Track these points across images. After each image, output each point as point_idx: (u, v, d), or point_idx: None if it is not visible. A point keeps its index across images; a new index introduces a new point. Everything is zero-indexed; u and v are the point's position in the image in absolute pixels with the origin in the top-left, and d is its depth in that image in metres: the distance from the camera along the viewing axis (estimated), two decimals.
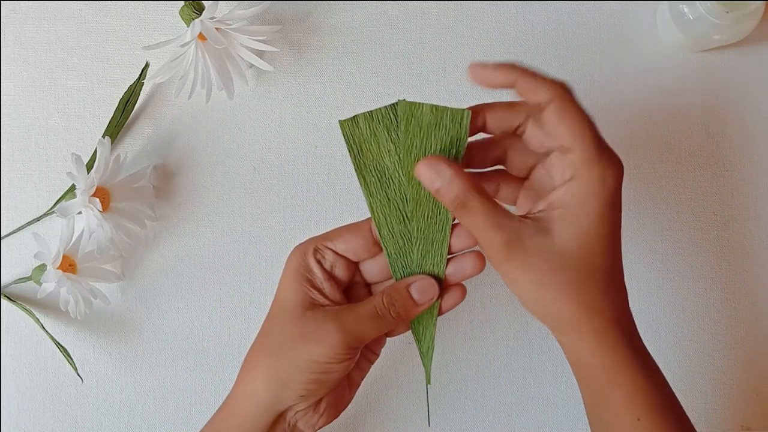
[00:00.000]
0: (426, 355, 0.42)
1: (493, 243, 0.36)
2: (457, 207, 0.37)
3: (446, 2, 0.55)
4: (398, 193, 0.39)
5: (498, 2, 0.55)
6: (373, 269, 0.43)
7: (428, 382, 0.42)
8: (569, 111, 0.36)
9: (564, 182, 0.36)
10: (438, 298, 0.41)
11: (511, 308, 0.54)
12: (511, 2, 0.55)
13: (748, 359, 0.54)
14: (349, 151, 0.38)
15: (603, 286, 0.37)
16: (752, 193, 0.54)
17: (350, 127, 0.37)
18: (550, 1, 0.55)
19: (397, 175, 0.39)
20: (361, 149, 0.38)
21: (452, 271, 0.41)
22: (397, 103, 0.37)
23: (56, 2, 0.54)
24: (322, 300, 0.40)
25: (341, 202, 0.54)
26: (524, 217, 0.37)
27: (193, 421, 0.53)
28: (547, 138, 0.37)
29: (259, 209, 0.54)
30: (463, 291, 0.42)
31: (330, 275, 0.41)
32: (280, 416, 0.40)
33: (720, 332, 0.54)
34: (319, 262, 0.41)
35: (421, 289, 0.41)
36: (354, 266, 0.42)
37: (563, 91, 0.36)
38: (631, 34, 0.55)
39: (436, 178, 0.36)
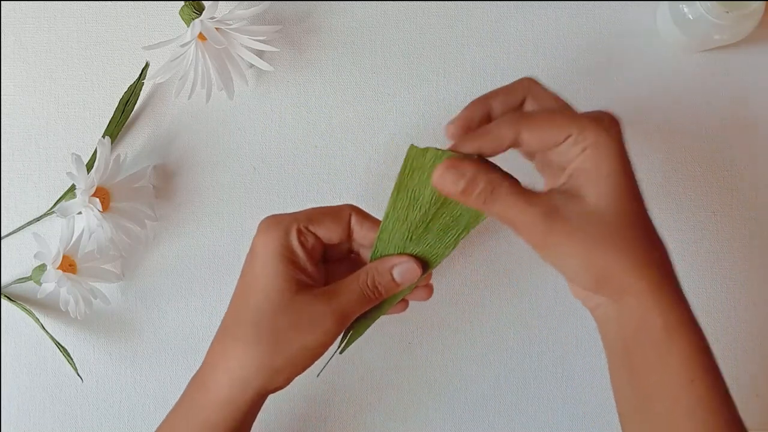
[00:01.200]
0: (351, 338, 0.44)
1: (531, 220, 0.36)
2: (486, 198, 0.37)
3: (446, 2, 0.55)
4: (417, 219, 0.41)
5: (498, 2, 0.55)
6: (335, 249, 0.44)
7: (341, 352, 0.44)
8: (539, 120, 0.37)
9: (577, 155, 0.37)
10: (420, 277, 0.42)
11: (511, 308, 0.54)
12: (511, 2, 0.55)
13: (748, 359, 0.54)
14: (402, 170, 0.39)
15: (647, 237, 0.37)
16: (752, 193, 0.54)
17: (417, 154, 0.39)
18: (550, 1, 0.55)
19: (426, 207, 0.40)
20: (413, 173, 0.39)
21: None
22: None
23: (56, 2, 0.54)
24: (307, 281, 0.41)
25: (341, 201, 0.54)
26: (549, 191, 0.38)
27: None
28: (543, 139, 0.37)
29: (259, 209, 0.54)
30: (406, 305, 0.45)
31: (311, 255, 0.42)
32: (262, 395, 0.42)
33: (720, 332, 0.54)
34: (302, 244, 0.41)
35: (404, 273, 0.42)
36: (324, 246, 0.43)
37: (521, 115, 0.38)
38: (631, 34, 0.55)
39: (460, 177, 0.36)
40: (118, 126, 0.53)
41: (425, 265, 0.42)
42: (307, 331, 0.39)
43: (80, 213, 0.49)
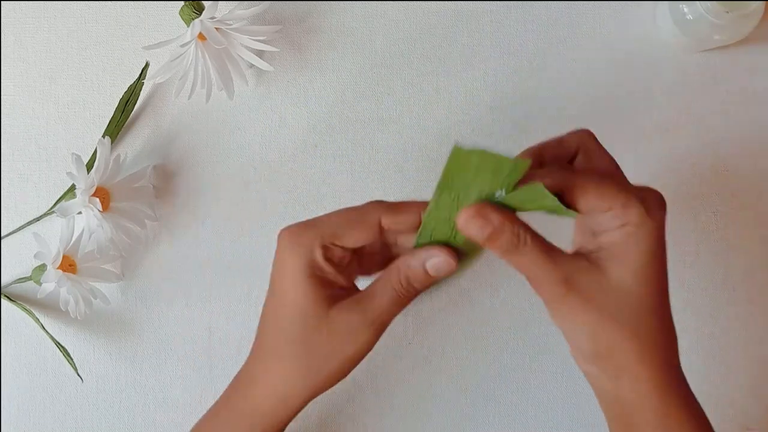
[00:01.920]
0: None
1: (549, 280, 0.36)
2: (510, 249, 0.36)
3: (446, 2, 0.55)
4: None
5: (498, 2, 0.55)
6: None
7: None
8: (584, 185, 0.36)
9: (614, 229, 0.36)
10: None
11: (511, 308, 0.54)
12: (511, 2, 0.55)
13: (748, 359, 0.54)
14: (446, 170, 0.37)
15: (659, 324, 0.37)
16: (752, 193, 0.54)
17: (463, 155, 0.37)
18: (550, 2, 0.55)
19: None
20: (456, 174, 0.37)
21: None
22: (518, 162, 0.36)
23: (56, 2, 0.54)
24: (339, 293, 0.40)
25: (341, 202, 0.54)
26: (576, 254, 0.37)
27: (193, 421, 0.53)
28: (584, 205, 0.37)
29: (259, 209, 0.54)
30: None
31: (340, 265, 0.41)
32: None
33: (720, 333, 0.54)
34: (329, 259, 0.40)
35: (438, 266, 0.39)
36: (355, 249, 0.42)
37: (570, 175, 0.37)
38: (631, 35, 0.55)
39: (486, 224, 0.36)
40: (118, 126, 0.53)
41: (461, 252, 0.40)
42: (346, 345, 0.40)
43: (80, 213, 0.49)
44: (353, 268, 0.43)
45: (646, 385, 0.37)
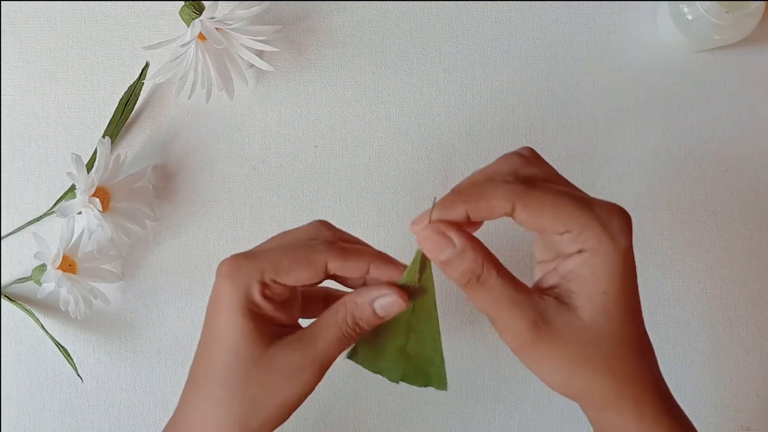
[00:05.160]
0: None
1: (516, 324, 0.33)
2: (470, 282, 0.33)
3: (446, 2, 0.55)
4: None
5: (497, 2, 0.55)
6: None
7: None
8: (539, 201, 0.33)
9: (573, 253, 0.33)
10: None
11: None
12: (511, 2, 0.55)
13: (747, 359, 0.54)
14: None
15: (636, 354, 0.35)
16: (752, 193, 0.54)
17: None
18: (549, 2, 0.55)
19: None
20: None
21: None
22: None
23: (56, 2, 0.54)
24: (279, 331, 0.37)
25: (341, 202, 0.54)
26: (541, 291, 0.35)
27: None
28: (537, 224, 0.33)
29: (259, 209, 0.54)
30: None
31: (281, 303, 0.38)
32: None
33: (720, 332, 0.54)
34: (268, 298, 0.37)
35: (387, 306, 0.36)
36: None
37: (521, 188, 0.33)
38: (631, 34, 0.55)
39: (445, 246, 0.32)
40: (118, 126, 0.53)
41: (412, 292, 0.37)
42: (283, 389, 0.36)
43: (80, 213, 0.49)
44: (296, 303, 0.40)
45: (628, 417, 0.35)
